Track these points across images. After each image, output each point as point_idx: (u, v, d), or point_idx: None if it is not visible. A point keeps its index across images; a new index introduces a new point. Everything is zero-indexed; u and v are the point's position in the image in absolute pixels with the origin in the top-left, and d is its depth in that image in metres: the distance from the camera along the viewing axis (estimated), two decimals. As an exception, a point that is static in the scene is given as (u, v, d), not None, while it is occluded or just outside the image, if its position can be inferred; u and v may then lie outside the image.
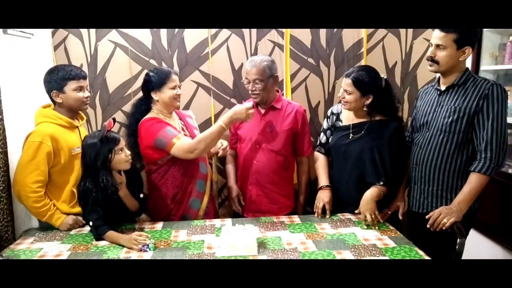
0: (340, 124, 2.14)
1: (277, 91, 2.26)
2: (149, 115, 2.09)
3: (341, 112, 2.16)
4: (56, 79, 1.87)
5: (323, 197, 2.08)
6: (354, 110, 2.05)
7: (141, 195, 1.99)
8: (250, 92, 2.18)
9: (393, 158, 2.01)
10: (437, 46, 1.79)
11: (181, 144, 1.96)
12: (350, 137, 2.07)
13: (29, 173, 1.81)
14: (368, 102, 1.99)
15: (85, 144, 1.81)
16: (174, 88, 2.08)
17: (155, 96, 2.08)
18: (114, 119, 1.86)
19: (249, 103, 2.00)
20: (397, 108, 2.08)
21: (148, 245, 1.70)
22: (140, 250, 1.67)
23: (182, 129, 2.17)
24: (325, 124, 2.24)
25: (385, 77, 2.03)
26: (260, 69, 2.10)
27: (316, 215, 2.07)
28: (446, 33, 1.75)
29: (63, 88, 1.88)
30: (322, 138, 2.24)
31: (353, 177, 2.06)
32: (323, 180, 2.15)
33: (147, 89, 2.10)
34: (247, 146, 2.22)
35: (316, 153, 2.26)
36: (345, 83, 2.00)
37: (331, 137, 2.19)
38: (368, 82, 1.96)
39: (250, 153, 2.20)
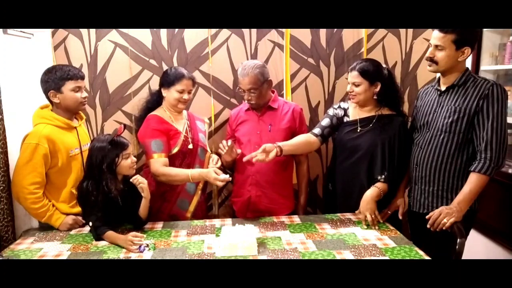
0: (348, 119, 2.14)
1: (272, 92, 2.26)
2: (156, 111, 2.15)
3: (348, 108, 2.17)
4: (54, 78, 1.86)
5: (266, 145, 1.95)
6: (363, 102, 2.05)
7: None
8: (245, 100, 2.19)
9: (400, 152, 2.03)
10: (436, 46, 1.79)
11: (153, 164, 2.05)
12: (358, 131, 2.07)
13: (26, 174, 1.81)
14: (377, 89, 2.01)
15: (93, 147, 1.82)
16: (181, 92, 2.10)
17: (163, 92, 2.15)
18: (125, 126, 1.88)
19: (226, 176, 1.91)
20: (400, 98, 2.11)
21: (148, 245, 1.70)
22: (138, 250, 1.67)
23: (186, 130, 2.18)
24: (331, 111, 2.17)
25: (386, 67, 2.06)
26: (253, 77, 2.09)
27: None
28: (445, 33, 1.75)
29: (61, 88, 1.87)
30: (324, 121, 2.15)
31: (362, 171, 2.06)
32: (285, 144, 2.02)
33: (160, 84, 2.17)
34: (246, 147, 2.21)
35: (309, 134, 2.14)
36: (352, 76, 2.01)
37: (332, 126, 2.13)
38: (373, 70, 1.99)
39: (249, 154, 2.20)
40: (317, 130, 2.15)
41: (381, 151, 2.02)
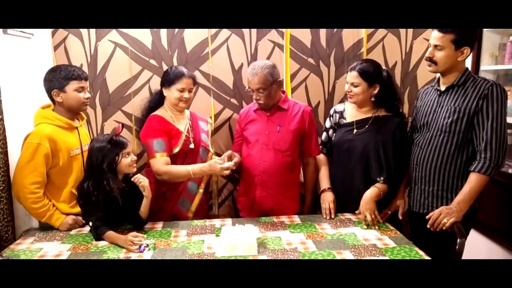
0: (344, 121, 2.15)
1: (283, 92, 2.25)
2: (158, 111, 2.16)
3: (344, 110, 2.17)
4: (58, 78, 1.87)
5: (327, 198, 2.10)
6: (361, 102, 2.06)
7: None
8: (254, 100, 2.17)
9: (396, 152, 2.03)
10: (435, 46, 1.79)
11: (155, 164, 2.07)
12: (354, 133, 2.08)
13: (27, 174, 1.81)
14: (375, 92, 2.01)
15: (93, 147, 1.82)
16: (182, 90, 2.10)
17: (164, 92, 2.15)
18: (122, 125, 1.89)
19: (229, 163, 1.99)
20: (399, 100, 2.11)
21: (148, 245, 1.71)
22: (138, 250, 1.67)
23: (188, 130, 2.18)
24: (327, 123, 2.25)
25: (385, 69, 2.06)
26: (262, 77, 2.06)
27: (325, 216, 2.08)
28: (444, 33, 1.75)
29: (64, 88, 1.88)
30: (324, 136, 2.25)
31: (357, 173, 2.07)
32: (324, 182, 2.18)
33: (161, 83, 2.18)
34: (253, 146, 2.20)
35: (322, 155, 2.27)
36: (351, 76, 2.01)
37: (333, 135, 2.19)
38: (373, 72, 2.00)
39: (257, 154, 2.18)
40: (323, 151, 2.27)
41: (376, 152, 2.03)
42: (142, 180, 1.86)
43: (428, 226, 1.80)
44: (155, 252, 1.68)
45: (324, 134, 2.25)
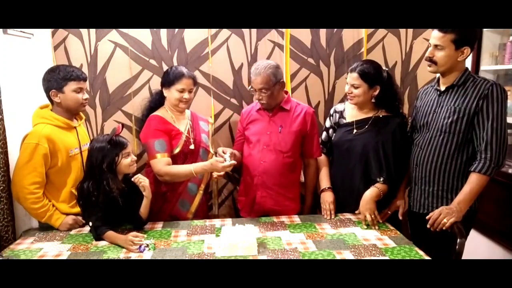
0: (344, 121, 2.15)
1: (286, 93, 2.24)
2: (158, 111, 2.16)
3: (344, 110, 2.17)
4: (57, 78, 1.87)
5: (327, 198, 2.10)
6: (361, 104, 2.06)
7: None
8: (257, 100, 2.16)
9: (396, 153, 2.03)
10: (436, 46, 1.79)
11: (156, 164, 2.06)
12: (354, 133, 2.08)
13: (26, 174, 1.81)
14: (376, 93, 2.01)
15: (93, 148, 1.82)
16: (182, 91, 2.10)
17: (165, 92, 2.15)
18: (122, 125, 1.88)
19: (228, 158, 1.98)
20: (400, 100, 2.11)
21: (148, 245, 1.71)
22: (138, 250, 1.67)
23: (188, 131, 2.18)
24: (327, 123, 2.25)
25: (386, 69, 2.06)
26: (265, 77, 2.05)
27: (325, 216, 2.08)
28: (444, 33, 1.75)
29: (63, 88, 1.88)
30: (324, 136, 2.25)
31: (357, 173, 2.07)
32: (324, 182, 2.18)
33: (161, 84, 2.18)
34: (254, 146, 2.19)
35: (323, 156, 2.27)
36: (351, 77, 2.01)
37: (333, 135, 2.20)
38: (374, 73, 1.99)
39: (258, 154, 2.17)
40: (324, 151, 2.26)
41: (375, 153, 2.03)
42: (142, 180, 1.86)
43: (428, 226, 1.79)
44: (155, 252, 1.68)
45: (324, 133, 2.26)
